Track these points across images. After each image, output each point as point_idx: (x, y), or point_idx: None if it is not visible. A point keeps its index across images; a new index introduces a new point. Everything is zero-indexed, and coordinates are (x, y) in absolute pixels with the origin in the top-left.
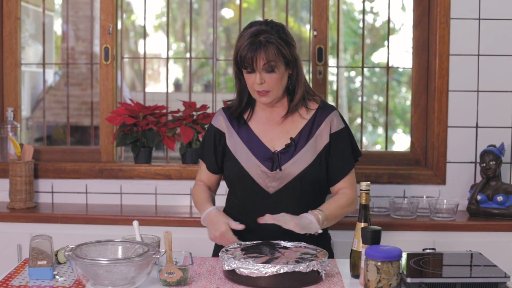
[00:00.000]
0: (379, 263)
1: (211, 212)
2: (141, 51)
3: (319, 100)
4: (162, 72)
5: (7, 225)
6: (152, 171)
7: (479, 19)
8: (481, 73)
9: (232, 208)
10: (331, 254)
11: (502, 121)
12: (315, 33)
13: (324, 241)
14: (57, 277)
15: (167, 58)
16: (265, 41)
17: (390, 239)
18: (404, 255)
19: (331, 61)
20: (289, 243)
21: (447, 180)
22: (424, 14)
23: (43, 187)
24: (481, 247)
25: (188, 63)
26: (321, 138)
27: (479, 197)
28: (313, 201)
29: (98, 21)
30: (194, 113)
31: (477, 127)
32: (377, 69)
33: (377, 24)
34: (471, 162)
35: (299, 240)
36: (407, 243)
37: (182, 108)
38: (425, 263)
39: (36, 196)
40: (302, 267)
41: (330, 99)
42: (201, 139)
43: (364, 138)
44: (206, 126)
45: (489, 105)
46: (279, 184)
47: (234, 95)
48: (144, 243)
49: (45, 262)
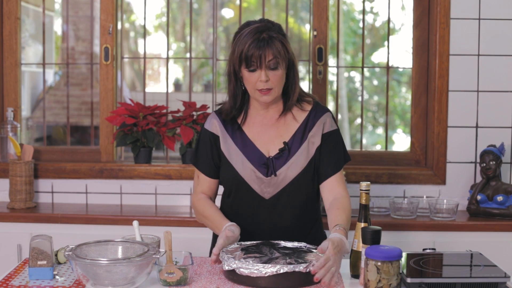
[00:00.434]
0: (379, 263)
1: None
2: (141, 51)
3: (312, 101)
4: (162, 72)
5: (7, 225)
6: (152, 171)
7: (479, 19)
8: (481, 73)
9: (228, 210)
10: None
11: (502, 121)
12: (315, 33)
13: (320, 240)
14: (57, 277)
15: (167, 58)
16: (269, 36)
17: (390, 239)
18: (404, 255)
19: (331, 61)
20: (289, 243)
21: (447, 180)
22: (424, 14)
23: (43, 187)
24: (481, 247)
25: (188, 63)
26: (313, 140)
27: (479, 197)
28: (308, 204)
29: (98, 21)
30: (194, 113)
31: (477, 127)
32: (377, 69)
33: (377, 24)
34: (471, 162)
35: (298, 240)
36: (407, 243)
37: (182, 108)
38: (425, 263)
39: (36, 196)
40: (302, 267)
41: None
42: (194, 146)
43: (364, 138)
44: None
45: (489, 105)
46: (275, 189)
47: (226, 97)
48: (144, 243)
49: (45, 262)
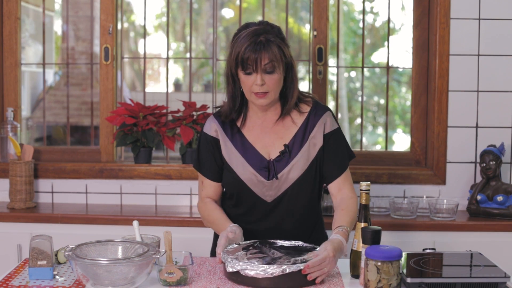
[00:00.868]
0: (379, 263)
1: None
2: (141, 51)
3: (311, 102)
4: (162, 72)
5: (7, 225)
6: (152, 171)
7: (479, 19)
8: (481, 73)
9: (229, 212)
10: None
11: (502, 121)
12: (315, 33)
13: (321, 241)
14: (57, 277)
15: (167, 58)
16: (266, 40)
17: (390, 239)
18: (404, 255)
19: (331, 61)
20: (286, 242)
21: (447, 180)
22: (424, 14)
23: (43, 187)
24: (481, 247)
25: (188, 63)
26: (314, 142)
27: (479, 197)
28: (310, 206)
29: (98, 21)
30: (194, 113)
31: (477, 127)
32: (377, 69)
33: (377, 24)
34: (471, 162)
35: (296, 239)
36: (407, 243)
37: (182, 108)
38: (425, 263)
39: (36, 196)
40: (289, 269)
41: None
42: (195, 150)
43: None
44: None
45: (489, 105)
46: (276, 192)
47: (225, 99)
48: (144, 243)
49: (45, 262)
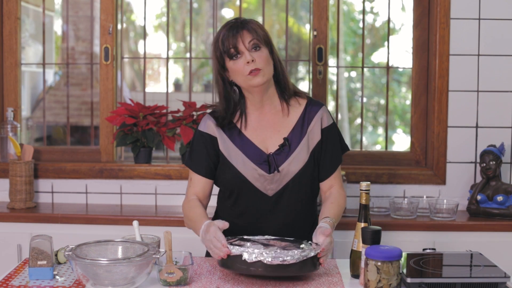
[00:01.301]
0: (379, 263)
1: (207, 225)
2: (141, 51)
3: (305, 97)
4: (162, 72)
5: (7, 225)
6: (152, 171)
7: (479, 19)
8: (481, 73)
9: (227, 212)
10: None
11: (502, 121)
12: (315, 33)
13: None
14: (57, 277)
15: (167, 58)
16: (242, 22)
17: (390, 239)
18: (404, 255)
19: (331, 61)
20: (269, 237)
21: (447, 180)
22: (424, 14)
23: (43, 187)
24: (481, 247)
25: (188, 63)
26: (313, 135)
27: (479, 197)
28: (309, 200)
29: (98, 21)
30: (194, 113)
31: (477, 127)
32: (376, 69)
33: (377, 24)
34: (471, 162)
35: (301, 236)
36: (407, 243)
37: (182, 108)
38: (425, 263)
39: (36, 196)
40: (312, 253)
41: (330, 99)
42: (189, 149)
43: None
44: None
45: (489, 105)
46: (278, 186)
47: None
48: (144, 243)
49: (45, 262)
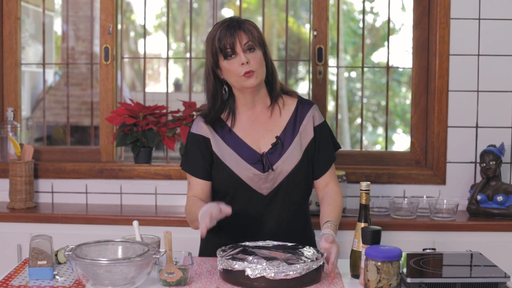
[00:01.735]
0: (379, 263)
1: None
2: (141, 51)
3: (296, 96)
4: (162, 72)
5: (7, 225)
6: (152, 171)
7: (479, 19)
8: (481, 73)
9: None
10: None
11: (502, 121)
12: (315, 33)
13: (307, 240)
14: (57, 277)
15: (167, 58)
16: (238, 22)
17: (390, 239)
18: (404, 255)
19: (331, 61)
20: (270, 242)
21: (447, 180)
22: (424, 14)
23: (43, 187)
24: (481, 247)
25: (188, 63)
26: (305, 133)
27: (479, 197)
28: (303, 199)
29: (98, 21)
30: (194, 113)
31: (477, 127)
32: (376, 69)
33: (377, 24)
34: (471, 162)
35: (294, 237)
36: (407, 243)
37: (182, 108)
38: (425, 263)
39: (36, 196)
40: (315, 265)
41: (330, 99)
42: (183, 152)
43: (364, 138)
44: None
45: (489, 105)
46: (272, 184)
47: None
48: (144, 243)
49: (45, 262)
